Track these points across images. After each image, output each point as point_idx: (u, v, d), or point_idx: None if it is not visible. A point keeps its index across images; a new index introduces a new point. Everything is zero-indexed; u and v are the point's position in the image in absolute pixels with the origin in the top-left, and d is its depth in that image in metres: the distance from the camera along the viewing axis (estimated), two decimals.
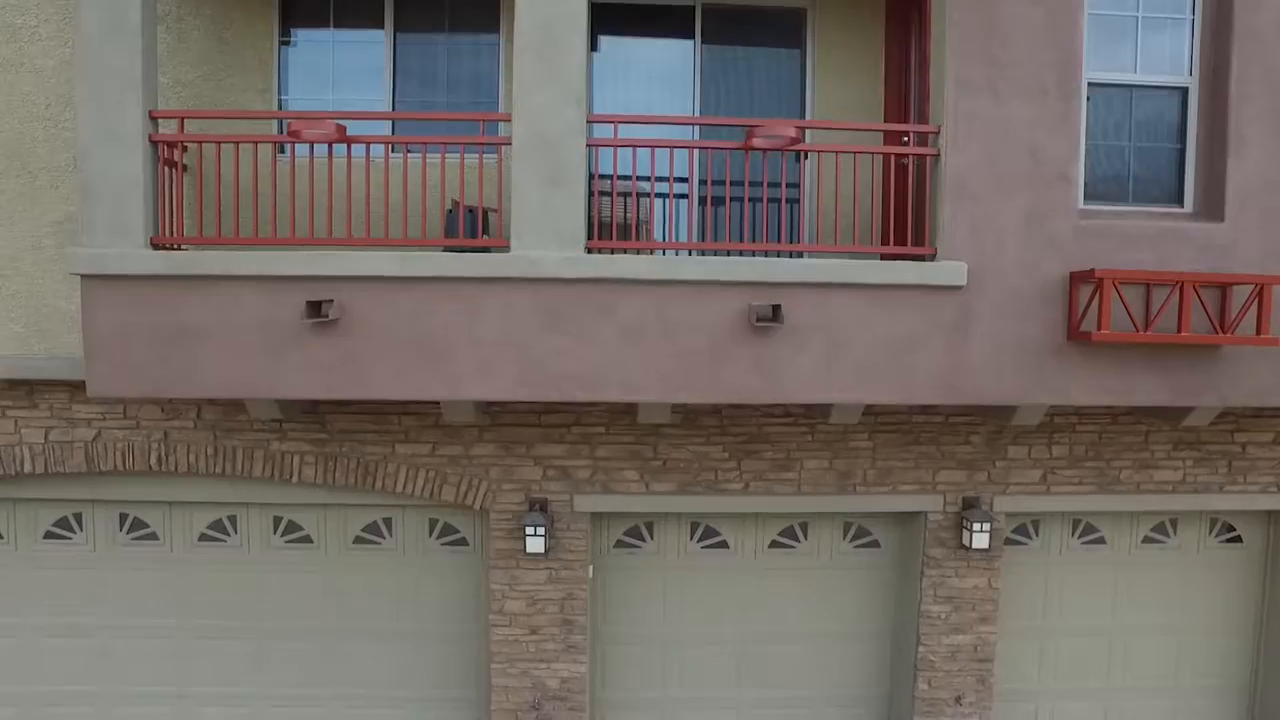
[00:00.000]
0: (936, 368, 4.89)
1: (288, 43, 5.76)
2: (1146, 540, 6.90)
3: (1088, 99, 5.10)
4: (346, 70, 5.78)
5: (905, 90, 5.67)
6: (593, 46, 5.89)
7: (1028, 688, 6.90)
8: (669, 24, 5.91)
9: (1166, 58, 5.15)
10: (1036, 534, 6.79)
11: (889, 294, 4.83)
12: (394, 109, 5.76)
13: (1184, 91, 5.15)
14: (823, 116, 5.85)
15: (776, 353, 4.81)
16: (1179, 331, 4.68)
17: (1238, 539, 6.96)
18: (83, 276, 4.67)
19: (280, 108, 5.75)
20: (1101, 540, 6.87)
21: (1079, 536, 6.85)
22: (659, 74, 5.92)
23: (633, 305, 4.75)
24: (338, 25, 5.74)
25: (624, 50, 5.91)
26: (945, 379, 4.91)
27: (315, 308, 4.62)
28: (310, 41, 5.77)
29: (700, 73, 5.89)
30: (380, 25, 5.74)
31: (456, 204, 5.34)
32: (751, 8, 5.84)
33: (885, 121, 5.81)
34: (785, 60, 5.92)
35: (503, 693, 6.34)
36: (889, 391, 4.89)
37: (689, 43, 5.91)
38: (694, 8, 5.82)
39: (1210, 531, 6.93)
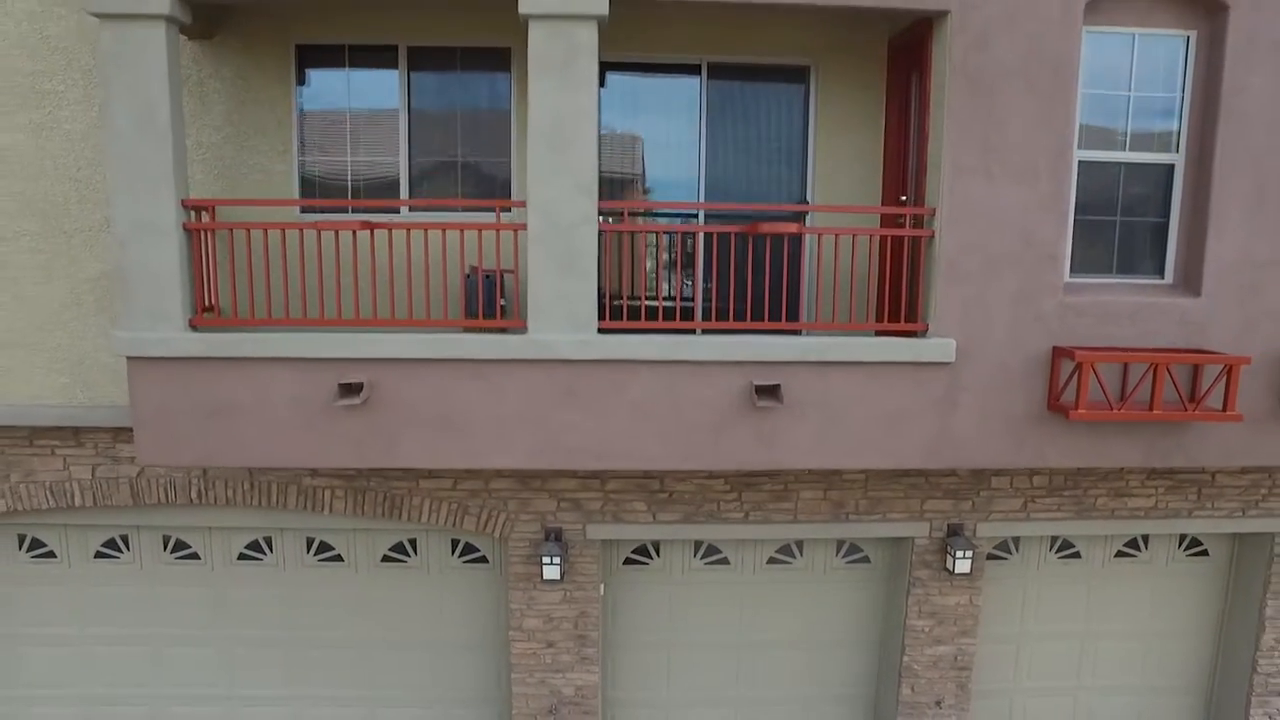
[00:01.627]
0: (924, 437, 5.27)
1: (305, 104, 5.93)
2: (1119, 554, 7.39)
3: (1077, 176, 5.31)
4: (364, 124, 5.96)
5: (904, 147, 5.86)
6: (600, 83, 6.05)
7: (1003, 687, 7.52)
8: (677, 71, 6.05)
9: (1155, 136, 5.33)
10: (1017, 550, 7.28)
11: (882, 370, 5.16)
12: (410, 167, 5.96)
13: (1170, 169, 5.35)
14: (824, 169, 6.05)
15: (776, 425, 5.18)
16: (1151, 407, 5.03)
17: (1204, 553, 7.45)
18: (128, 359, 5.01)
19: (300, 168, 5.95)
20: (1077, 555, 7.36)
21: (1056, 552, 7.34)
22: (667, 109, 6.06)
23: (642, 383, 5.09)
24: (354, 93, 5.89)
25: (631, 84, 6.04)
26: (932, 447, 5.29)
27: (348, 389, 4.97)
28: (328, 104, 5.93)
29: (706, 123, 6.05)
30: (395, 96, 5.89)
31: (474, 269, 5.62)
32: (756, 64, 5.96)
33: (885, 177, 6.01)
34: (789, 113, 6.08)
35: (523, 699, 6.96)
36: (879, 458, 5.28)
37: (695, 80, 6.05)
38: (700, 65, 5.95)
39: (1179, 546, 7.42)
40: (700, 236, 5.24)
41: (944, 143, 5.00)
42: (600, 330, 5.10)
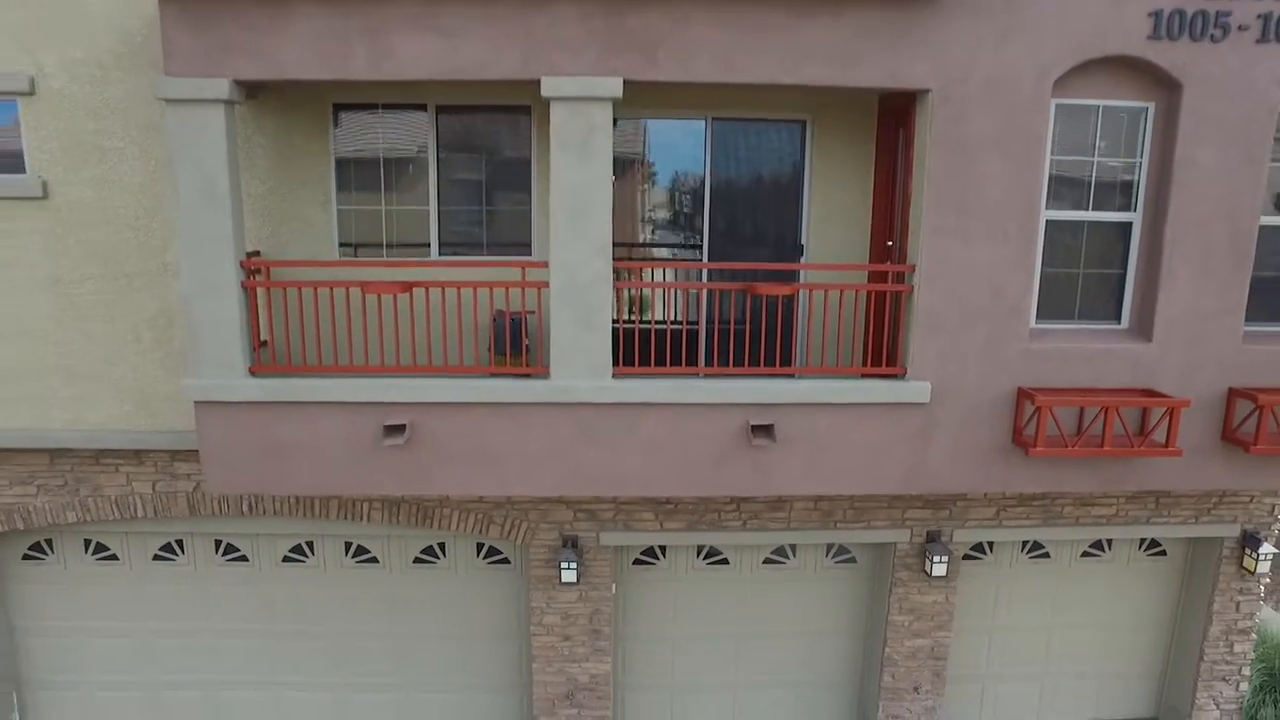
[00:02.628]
0: (902, 467, 5.93)
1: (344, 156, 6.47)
2: (1085, 555, 8.11)
3: (1045, 232, 5.88)
4: (398, 176, 6.51)
5: (892, 195, 6.42)
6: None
7: (976, 673, 8.30)
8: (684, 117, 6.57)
9: (1116, 196, 5.89)
10: (990, 551, 8.00)
11: (865, 409, 5.80)
12: (439, 218, 6.52)
13: (1129, 226, 5.92)
14: (819, 211, 6.60)
15: (770, 458, 5.83)
16: (1102, 444, 5.67)
17: (1163, 553, 8.17)
18: (196, 403, 5.65)
19: (338, 217, 6.52)
20: (1046, 555, 8.08)
21: (1027, 553, 8.06)
22: (675, 147, 6.61)
23: (652, 422, 5.74)
24: (387, 148, 6.43)
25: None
26: (908, 476, 5.95)
27: (392, 430, 5.62)
28: (363, 158, 6.48)
29: (710, 163, 6.59)
30: (425, 148, 6.43)
31: (500, 312, 6.24)
32: (757, 119, 6.49)
33: (874, 221, 6.58)
34: (787, 161, 6.61)
35: (542, 686, 7.74)
36: (860, 485, 5.95)
37: (700, 124, 6.58)
38: (705, 120, 6.48)
39: (1139, 548, 8.13)
40: (704, 293, 5.83)
41: (924, 207, 5.57)
42: (615, 376, 5.72)
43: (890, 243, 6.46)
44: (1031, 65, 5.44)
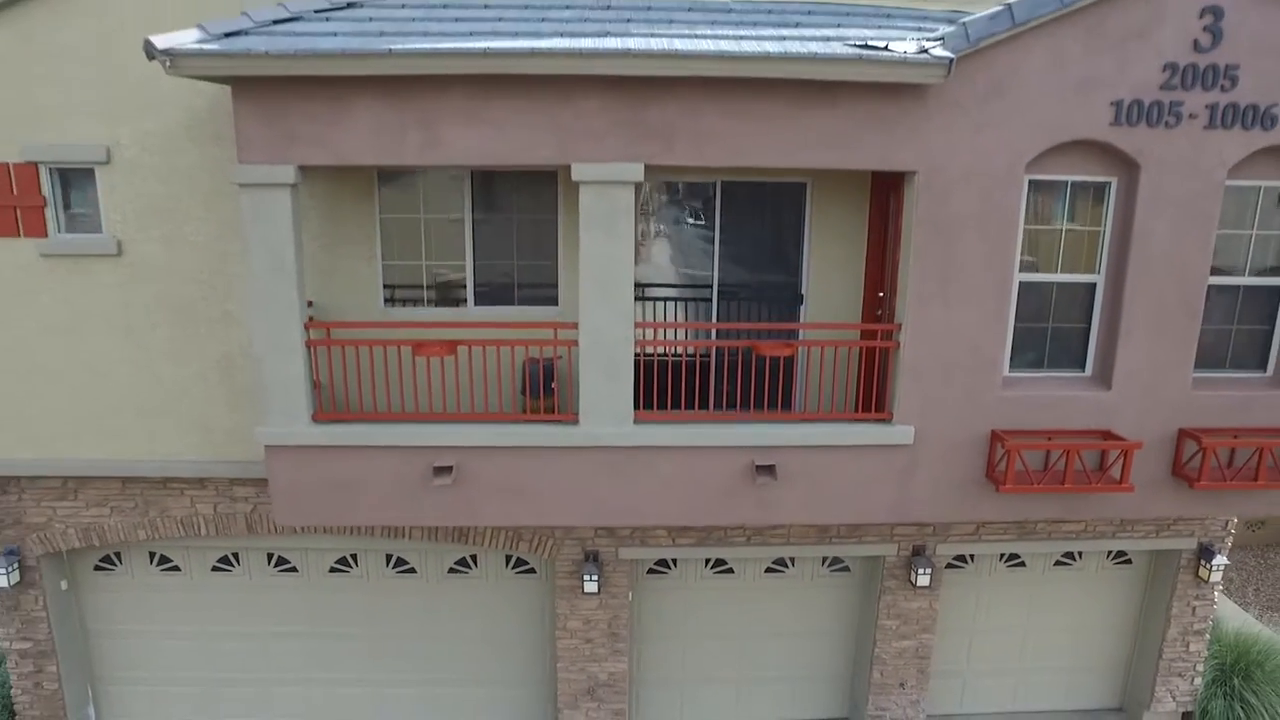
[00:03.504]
0: (888, 500, 6.70)
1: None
2: (1057, 564, 8.94)
3: (1018, 293, 6.60)
4: (437, 233, 7.20)
5: (883, 251, 7.13)
6: None
7: (957, 669, 9.16)
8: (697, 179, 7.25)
9: (1083, 259, 6.61)
10: (971, 561, 8.82)
11: (856, 450, 6.56)
12: (474, 270, 7.22)
13: (1093, 286, 6.64)
14: (817, 268, 7.30)
15: (771, 492, 6.60)
16: (1064, 482, 6.45)
17: (1128, 561, 9.00)
18: (267, 447, 6.41)
19: (383, 273, 7.22)
20: (1022, 564, 8.90)
21: (1004, 562, 8.88)
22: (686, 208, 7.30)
23: (668, 462, 6.50)
24: (428, 210, 7.12)
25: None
26: (893, 507, 6.73)
27: (441, 471, 6.38)
28: (405, 217, 7.16)
29: (721, 221, 7.28)
30: (461, 207, 7.11)
31: (532, 360, 6.97)
32: (760, 182, 7.17)
33: (867, 273, 7.27)
34: (789, 218, 7.30)
35: (566, 683, 8.59)
36: (853, 515, 6.73)
37: (712, 183, 7.26)
38: (715, 183, 7.16)
39: (1108, 557, 8.95)
40: (713, 351, 6.56)
41: (910, 276, 6.28)
42: (636, 422, 6.47)
43: (881, 294, 7.18)
44: (1007, 150, 6.12)
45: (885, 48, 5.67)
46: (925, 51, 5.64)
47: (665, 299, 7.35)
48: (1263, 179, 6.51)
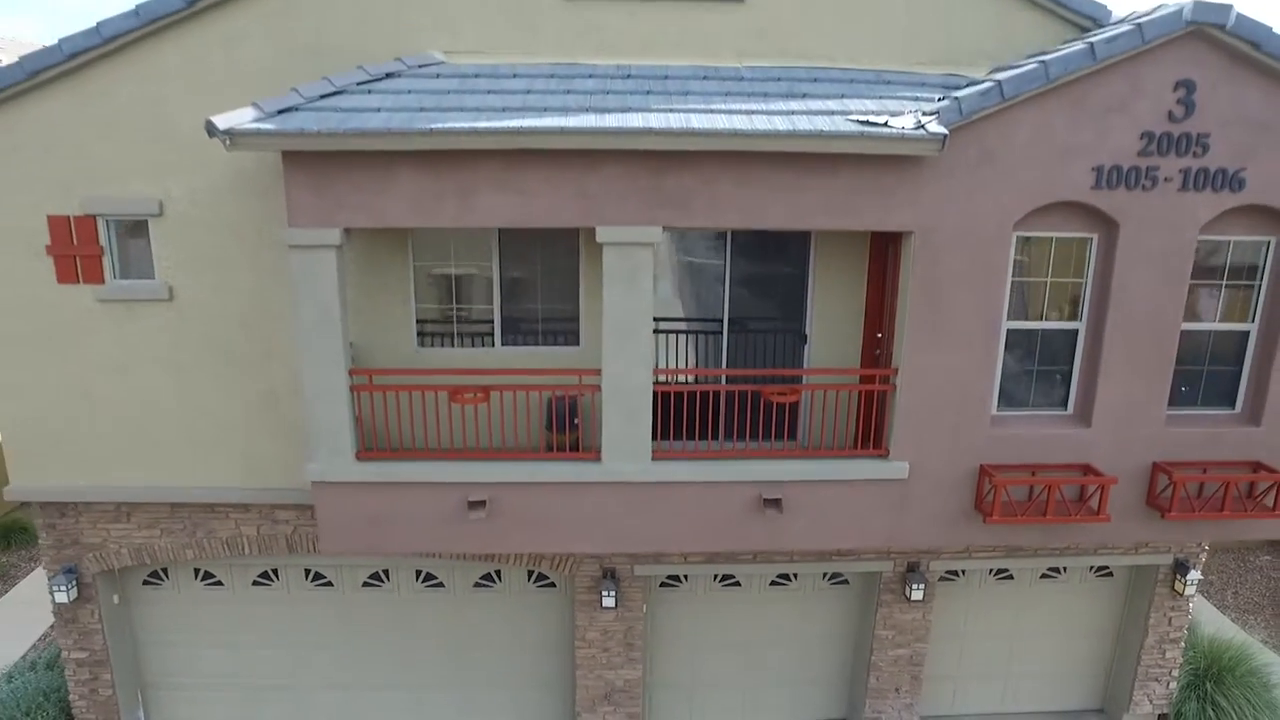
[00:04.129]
0: (884, 527, 7.28)
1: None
2: (1043, 576, 9.54)
3: (1006, 339, 7.15)
4: (466, 280, 7.73)
5: (881, 293, 7.67)
6: None
7: (949, 674, 9.80)
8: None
9: (1066, 307, 7.15)
10: (962, 575, 9.42)
11: (855, 483, 7.14)
12: (501, 313, 7.75)
13: (1075, 332, 7.18)
14: (820, 310, 7.81)
15: (778, 522, 7.18)
16: (1045, 514, 7.03)
17: (1110, 574, 9.61)
18: (314, 483, 6.97)
19: (416, 315, 7.75)
20: (1010, 577, 9.51)
21: (994, 575, 9.49)
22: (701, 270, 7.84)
23: (683, 496, 7.07)
24: (457, 261, 7.64)
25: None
26: (889, 534, 7.31)
27: (475, 505, 6.96)
28: (437, 265, 7.69)
29: (731, 264, 7.80)
30: (489, 257, 7.63)
31: (556, 397, 7.52)
32: (769, 232, 7.69)
33: (867, 313, 7.80)
34: (795, 263, 7.82)
35: (584, 689, 9.22)
36: (851, 543, 7.31)
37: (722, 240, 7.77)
38: (727, 233, 7.68)
39: (1090, 570, 9.56)
40: (723, 394, 7.12)
41: (906, 326, 6.82)
42: (654, 459, 7.03)
43: (880, 334, 7.73)
44: (996, 211, 6.64)
45: (885, 124, 6.18)
46: (922, 127, 6.15)
47: (680, 332, 7.91)
48: (1232, 235, 7.04)
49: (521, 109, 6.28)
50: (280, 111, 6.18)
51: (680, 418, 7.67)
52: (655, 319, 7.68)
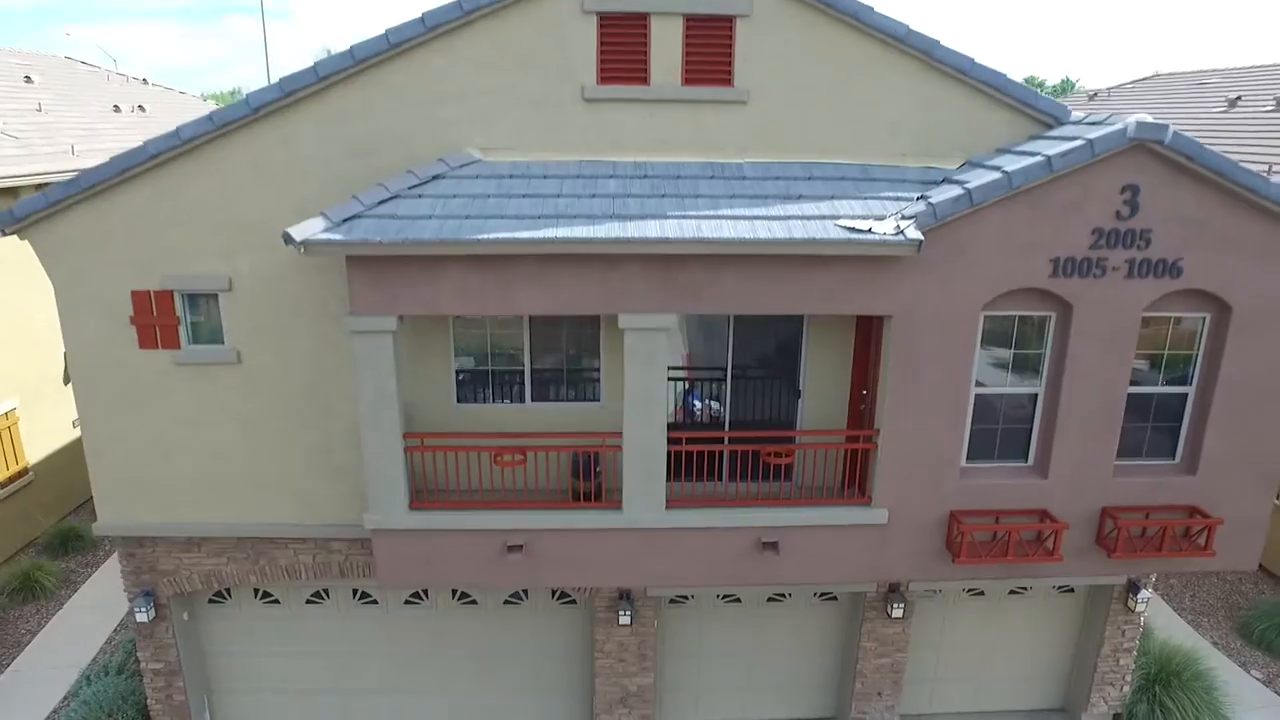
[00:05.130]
0: (866, 565, 8.38)
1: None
2: (1011, 593, 10.69)
3: (975, 401, 8.19)
4: (500, 346, 8.74)
5: (866, 362, 8.69)
6: None
7: (926, 678, 10.99)
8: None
9: (1027, 374, 8.19)
10: (939, 592, 10.56)
11: (842, 528, 8.22)
12: (532, 378, 8.76)
13: (1035, 395, 8.23)
14: (812, 371, 8.82)
15: (775, 562, 8.28)
16: (1007, 555, 8.13)
17: (1071, 591, 10.75)
18: (372, 530, 8.05)
19: (457, 375, 8.77)
20: (982, 594, 10.66)
21: (967, 592, 10.63)
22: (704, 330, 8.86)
23: (693, 539, 8.16)
24: (493, 331, 8.65)
25: None
26: (870, 569, 8.41)
27: (513, 549, 8.04)
28: (475, 336, 8.69)
29: (733, 332, 8.81)
30: (520, 332, 8.63)
31: (580, 450, 8.57)
32: (767, 316, 8.65)
33: (854, 375, 8.84)
34: (791, 334, 8.82)
35: (602, 694, 10.41)
36: (837, 577, 8.43)
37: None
38: (728, 317, 8.66)
39: (1053, 588, 10.70)
40: (726, 453, 8.18)
41: (886, 394, 7.86)
42: (668, 508, 8.10)
43: (865, 390, 8.76)
44: (966, 297, 7.64)
45: (869, 230, 7.16)
46: (901, 233, 7.13)
47: (690, 379, 8.95)
48: (1172, 312, 8.04)
49: (555, 216, 7.25)
50: (345, 220, 7.15)
51: (691, 464, 8.73)
52: (669, 368, 8.71)
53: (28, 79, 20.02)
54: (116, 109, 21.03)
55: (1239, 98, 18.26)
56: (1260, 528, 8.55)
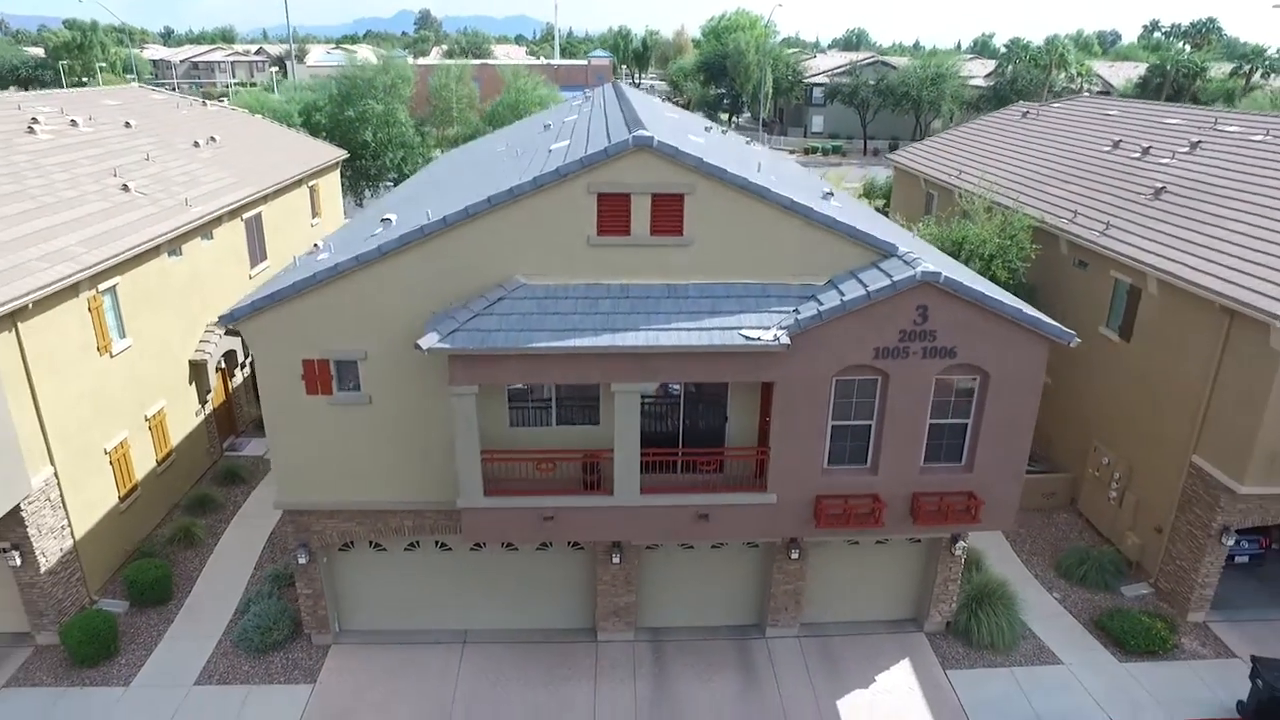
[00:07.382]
0: (764, 528, 13.56)
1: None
2: (878, 542, 15.89)
3: (832, 430, 13.22)
4: (534, 393, 13.69)
5: (768, 403, 13.67)
6: None
7: (818, 599, 16.30)
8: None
9: (867, 412, 13.20)
10: (829, 543, 15.75)
11: (749, 506, 13.35)
12: (557, 409, 13.75)
13: (869, 426, 13.24)
14: (735, 407, 13.82)
15: (708, 526, 13.44)
16: (847, 523, 13.26)
17: (918, 541, 15.97)
18: (462, 509, 13.16)
19: (508, 408, 13.73)
20: (857, 543, 15.87)
21: (848, 542, 15.83)
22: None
23: (658, 513, 13.29)
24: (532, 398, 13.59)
25: None
26: (767, 530, 13.60)
27: (547, 518, 13.19)
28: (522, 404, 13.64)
29: (684, 395, 13.77)
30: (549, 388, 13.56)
31: (587, 454, 13.60)
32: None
33: (760, 411, 13.85)
34: (719, 390, 13.77)
35: (602, 608, 15.73)
36: (747, 535, 13.62)
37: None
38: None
39: (906, 539, 15.90)
40: (680, 460, 13.32)
41: (774, 427, 12.87)
42: (642, 493, 13.19)
43: (767, 418, 13.77)
44: (822, 369, 12.56)
45: (758, 339, 12.04)
46: (777, 339, 12.03)
47: (656, 399, 13.99)
48: (954, 376, 12.99)
49: (573, 330, 12.11)
50: (450, 333, 12.01)
51: (656, 466, 13.80)
52: (642, 396, 13.71)
53: (127, 125, 24.25)
54: (196, 144, 25.20)
55: (1120, 141, 22.85)
56: (1011, 504, 13.72)
